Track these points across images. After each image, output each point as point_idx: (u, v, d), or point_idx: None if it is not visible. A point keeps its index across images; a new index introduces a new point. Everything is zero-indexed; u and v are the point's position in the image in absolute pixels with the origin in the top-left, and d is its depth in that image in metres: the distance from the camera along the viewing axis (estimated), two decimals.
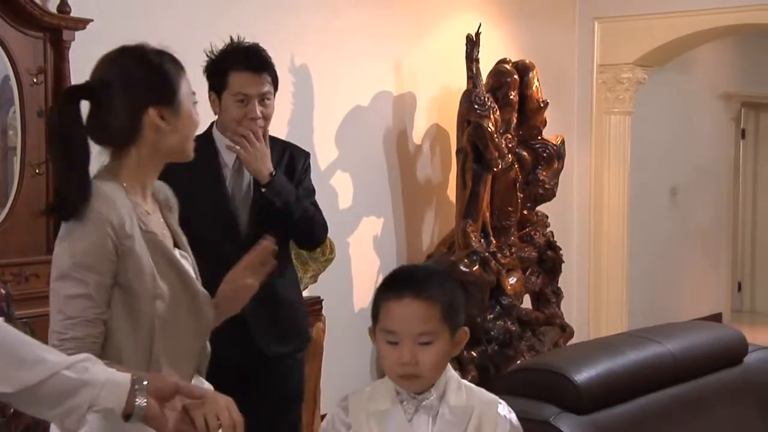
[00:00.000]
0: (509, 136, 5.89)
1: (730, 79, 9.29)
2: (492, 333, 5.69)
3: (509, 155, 5.83)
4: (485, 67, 5.83)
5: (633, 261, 7.40)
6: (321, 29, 5.33)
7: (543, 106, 6.03)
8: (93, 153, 2.24)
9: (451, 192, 6.03)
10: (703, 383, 2.79)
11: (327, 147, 5.36)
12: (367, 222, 5.70)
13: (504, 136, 5.83)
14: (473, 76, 5.67)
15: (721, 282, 9.49)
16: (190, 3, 4.70)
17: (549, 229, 6.27)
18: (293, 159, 3.40)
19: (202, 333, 2.34)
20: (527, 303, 6.21)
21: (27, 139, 3.83)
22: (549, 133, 6.16)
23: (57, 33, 3.87)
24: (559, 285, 6.32)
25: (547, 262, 6.22)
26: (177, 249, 2.33)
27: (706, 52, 8.36)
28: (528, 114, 6.03)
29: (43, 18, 3.82)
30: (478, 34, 5.66)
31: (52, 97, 3.78)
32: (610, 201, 7.23)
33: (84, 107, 2.23)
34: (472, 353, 5.56)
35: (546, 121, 6.11)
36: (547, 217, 6.27)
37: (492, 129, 5.63)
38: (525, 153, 6.03)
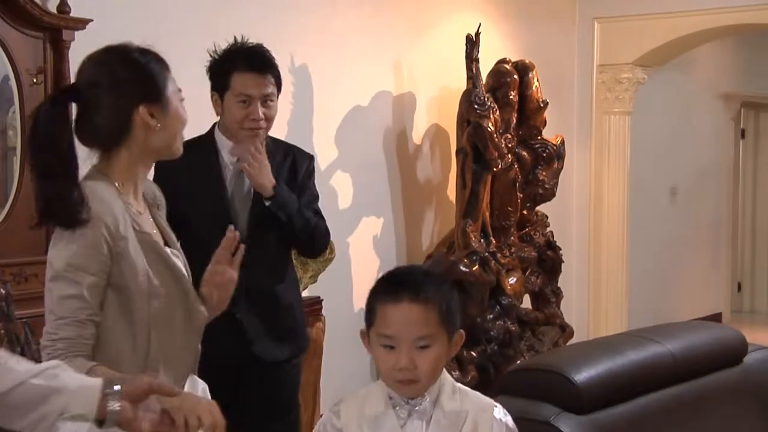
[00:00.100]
0: (509, 136, 5.89)
1: (730, 79, 9.29)
2: (492, 333, 5.69)
3: (509, 155, 5.83)
4: (485, 67, 5.83)
5: (633, 261, 7.39)
6: (321, 29, 5.33)
7: (543, 106, 6.03)
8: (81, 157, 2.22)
9: (451, 192, 6.02)
10: (703, 383, 2.78)
11: (327, 147, 5.36)
12: (367, 222, 5.69)
13: (504, 136, 5.83)
14: (473, 76, 5.67)
15: (721, 282, 9.48)
16: (190, 3, 4.70)
17: (549, 229, 6.27)
18: (296, 162, 3.36)
19: (195, 331, 2.35)
20: (527, 303, 6.21)
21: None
22: (549, 133, 6.16)
23: (57, 33, 3.86)
24: (559, 285, 6.32)
25: (547, 262, 6.21)
26: (168, 247, 2.34)
27: (706, 52, 8.36)
28: (528, 114, 6.03)
29: (43, 18, 3.82)
30: (477, 34, 5.66)
31: None
32: (609, 201, 7.23)
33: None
34: (471, 353, 5.56)
35: (546, 121, 6.11)
36: (547, 217, 6.27)
37: (492, 129, 5.63)
38: (525, 153, 6.03)
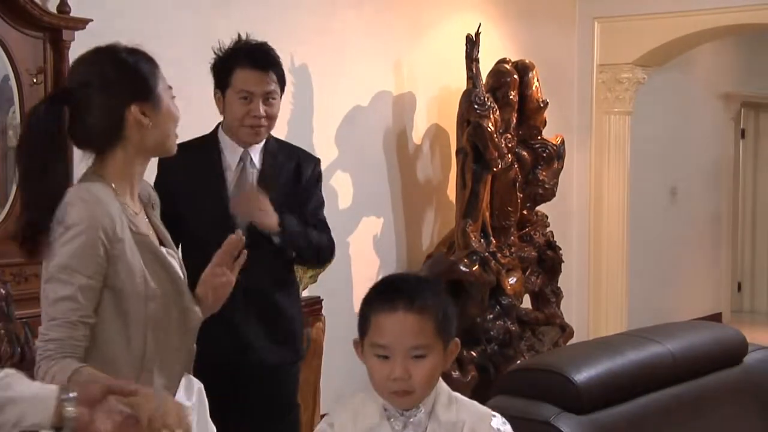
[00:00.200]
0: (509, 136, 5.89)
1: (730, 79, 9.29)
2: (492, 333, 5.69)
3: (509, 155, 5.82)
4: (485, 67, 5.83)
5: (633, 261, 7.39)
6: (321, 29, 5.33)
7: (543, 105, 6.03)
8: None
9: (451, 192, 6.02)
10: (703, 383, 2.78)
11: (327, 147, 5.36)
12: (367, 222, 5.69)
13: (504, 136, 5.82)
14: (473, 75, 5.67)
15: (721, 282, 9.48)
16: (190, 3, 4.70)
17: (549, 229, 6.27)
18: (300, 165, 3.34)
19: (190, 331, 2.35)
20: (527, 303, 6.20)
21: None
22: (549, 133, 6.15)
23: (57, 33, 3.86)
24: (559, 285, 6.32)
25: (547, 262, 6.21)
26: (163, 247, 2.34)
27: (706, 52, 8.36)
28: (528, 114, 6.02)
29: (43, 18, 3.82)
30: (477, 33, 5.66)
31: None
32: (609, 201, 7.23)
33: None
34: (471, 353, 5.56)
35: (546, 121, 6.11)
36: (547, 217, 6.27)
37: (492, 129, 5.63)
38: (525, 153, 6.03)
